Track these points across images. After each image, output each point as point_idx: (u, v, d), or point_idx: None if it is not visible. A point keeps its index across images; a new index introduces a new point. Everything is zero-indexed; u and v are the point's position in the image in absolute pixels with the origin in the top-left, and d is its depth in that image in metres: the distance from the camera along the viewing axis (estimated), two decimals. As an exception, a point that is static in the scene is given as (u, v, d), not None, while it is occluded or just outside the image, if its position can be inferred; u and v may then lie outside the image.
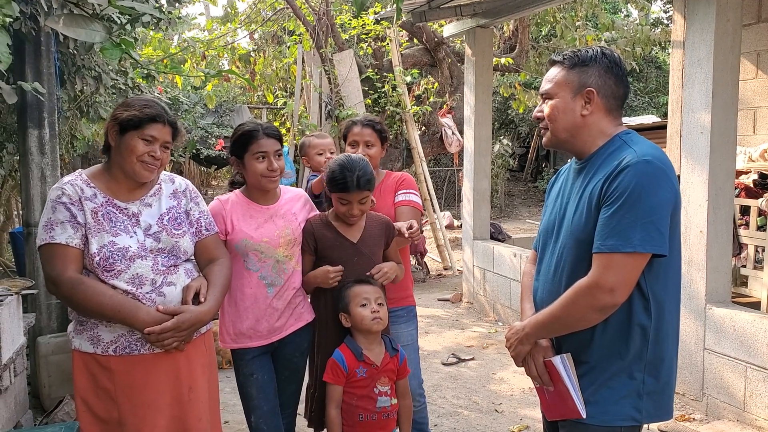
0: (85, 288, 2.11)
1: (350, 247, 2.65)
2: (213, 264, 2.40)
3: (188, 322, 2.19)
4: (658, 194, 1.72)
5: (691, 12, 4.04)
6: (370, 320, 2.50)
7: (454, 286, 8.07)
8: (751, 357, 3.69)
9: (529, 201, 17.73)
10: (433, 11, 6.66)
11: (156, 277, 2.21)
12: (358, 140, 3.05)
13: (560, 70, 1.93)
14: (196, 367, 2.31)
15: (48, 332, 4.24)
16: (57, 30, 1.57)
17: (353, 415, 2.53)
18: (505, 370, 4.99)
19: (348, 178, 2.51)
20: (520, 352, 1.98)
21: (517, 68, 10.84)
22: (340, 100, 8.87)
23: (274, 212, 2.69)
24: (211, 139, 13.51)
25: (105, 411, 2.17)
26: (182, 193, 2.41)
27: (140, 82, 5.71)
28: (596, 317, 1.80)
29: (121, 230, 2.19)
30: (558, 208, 2.01)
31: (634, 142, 1.84)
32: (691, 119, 4.06)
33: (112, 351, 2.16)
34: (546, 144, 2.01)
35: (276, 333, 2.66)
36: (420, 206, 3.08)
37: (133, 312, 2.12)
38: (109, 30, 1.57)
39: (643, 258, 1.74)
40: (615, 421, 1.83)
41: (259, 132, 2.60)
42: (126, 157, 2.20)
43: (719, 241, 4.00)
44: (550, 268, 1.98)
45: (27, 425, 3.56)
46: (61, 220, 2.13)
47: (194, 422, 2.28)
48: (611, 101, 1.90)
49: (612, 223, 1.73)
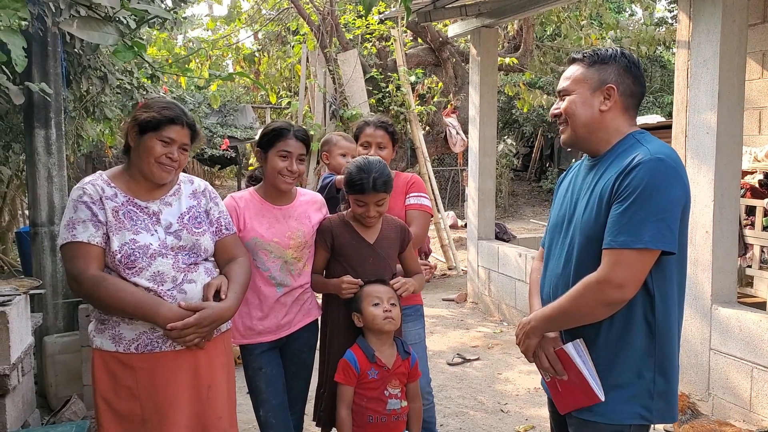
0: (107, 285, 2.12)
1: (367, 248, 2.66)
2: (233, 263, 2.42)
3: (210, 318, 2.20)
4: (670, 192, 1.73)
5: (697, 12, 4.04)
6: (381, 320, 2.50)
7: (458, 286, 8.07)
8: (757, 357, 3.68)
9: (533, 201, 17.71)
10: (438, 11, 6.65)
11: (177, 274, 2.23)
12: (370, 141, 3.07)
13: (579, 68, 1.94)
14: (216, 366, 2.33)
15: (55, 332, 4.25)
16: (71, 32, 1.59)
17: (363, 417, 2.53)
18: (511, 370, 5.00)
19: (365, 180, 2.52)
20: (529, 346, 1.99)
21: (521, 68, 10.83)
22: (345, 99, 8.87)
23: (287, 213, 2.70)
24: (216, 139, 13.54)
25: (127, 409, 2.19)
26: (201, 194, 2.43)
27: (145, 82, 5.73)
28: (604, 312, 1.81)
29: (141, 228, 2.21)
30: (568, 203, 2.01)
31: (647, 141, 1.85)
32: (696, 119, 4.05)
33: (134, 349, 2.18)
34: (564, 141, 2.00)
35: (284, 329, 2.68)
36: (430, 209, 3.13)
37: (155, 308, 2.13)
38: (122, 32, 1.58)
39: (653, 255, 1.74)
40: (624, 420, 1.84)
41: (289, 132, 2.65)
42: (144, 159, 2.22)
43: (725, 241, 3.99)
44: (558, 263, 1.99)
45: (34, 424, 3.58)
46: (83, 219, 2.16)
47: (214, 420, 2.29)
48: (629, 100, 1.92)
49: (623, 220, 1.74)
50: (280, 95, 12.09)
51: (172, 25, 4.62)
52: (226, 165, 16.74)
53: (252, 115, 15.48)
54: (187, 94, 12.73)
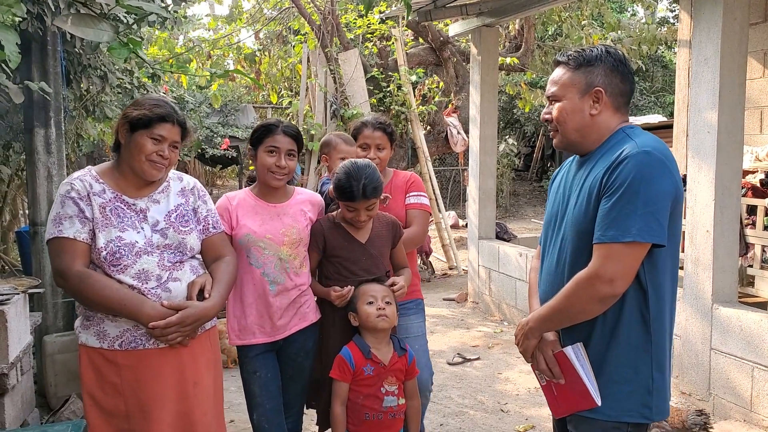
0: (92, 281, 2.13)
1: (359, 248, 2.66)
2: (219, 261, 2.42)
3: (192, 317, 2.20)
4: (658, 185, 1.72)
5: (698, 11, 4.03)
6: (375, 317, 2.50)
7: (459, 285, 8.06)
8: (757, 357, 3.67)
9: (534, 200, 17.70)
10: (439, 10, 6.65)
11: (162, 272, 2.23)
12: (369, 143, 3.08)
13: (565, 71, 1.93)
14: (201, 363, 2.33)
15: (54, 331, 4.25)
16: (65, 29, 1.58)
17: (359, 414, 2.52)
18: (511, 370, 4.99)
19: (354, 187, 2.51)
20: (527, 347, 1.98)
21: (522, 67, 10.82)
22: (346, 99, 8.86)
23: (282, 211, 2.70)
24: (217, 139, 13.54)
25: (112, 405, 2.19)
26: (190, 191, 2.43)
27: (146, 81, 5.73)
28: (597, 308, 1.80)
29: (128, 226, 2.22)
30: (560, 200, 2.01)
31: (635, 135, 1.84)
32: (698, 118, 4.04)
33: (117, 346, 2.18)
34: (557, 146, 2.01)
35: (280, 331, 2.66)
36: (429, 208, 3.17)
37: (138, 306, 2.14)
38: (117, 30, 1.58)
39: (643, 248, 1.74)
40: (623, 416, 1.83)
41: (277, 128, 2.65)
42: (135, 156, 2.23)
43: (726, 240, 3.98)
44: (552, 260, 1.98)
45: (33, 423, 3.57)
46: (70, 215, 2.16)
47: (199, 416, 2.29)
48: (618, 99, 1.91)
49: (612, 214, 1.74)
50: (281, 95, 12.09)
51: (173, 24, 4.61)
52: (227, 165, 16.77)
53: (253, 115, 15.49)
54: (188, 94, 12.73)
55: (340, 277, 2.65)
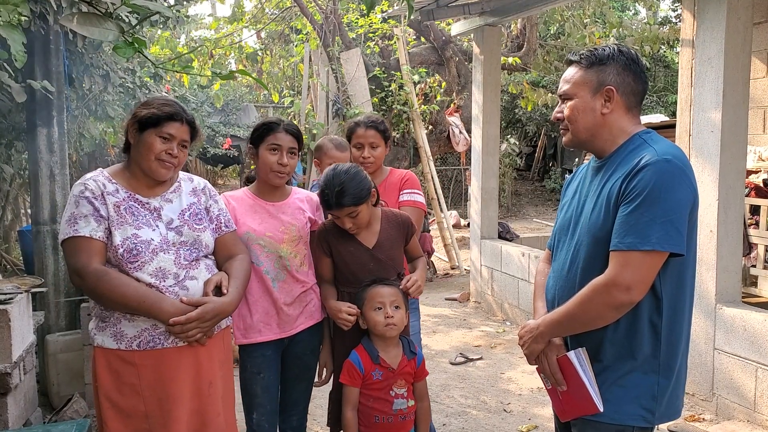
0: (110, 279, 2.12)
1: (365, 253, 2.59)
2: (233, 259, 2.42)
3: (212, 312, 2.20)
4: (678, 193, 1.71)
5: (701, 10, 4.02)
6: (383, 326, 2.46)
7: (461, 285, 8.05)
8: (761, 357, 3.66)
9: (536, 200, 17.67)
10: (441, 9, 6.64)
11: (179, 270, 2.22)
12: (362, 142, 3.07)
13: (578, 70, 1.92)
14: (216, 363, 2.33)
15: (57, 330, 4.25)
16: (70, 28, 1.58)
17: (369, 417, 2.51)
18: (514, 370, 4.98)
19: (327, 195, 2.47)
20: (533, 351, 1.97)
21: (525, 67, 10.81)
22: (347, 98, 8.86)
23: (281, 209, 2.69)
24: (218, 138, 13.55)
25: (131, 406, 2.18)
26: (201, 191, 2.44)
27: (148, 81, 5.73)
28: (612, 315, 1.79)
29: (143, 223, 2.22)
30: (575, 206, 2.00)
31: (654, 141, 1.83)
32: (701, 118, 4.03)
33: (135, 346, 2.17)
34: (566, 144, 2.00)
35: (285, 329, 2.65)
36: (424, 206, 3.13)
37: (157, 303, 2.13)
38: (122, 29, 1.58)
39: (661, 257, 1.73)
40: (627, 420, 1.83)
41: (279, 126, 2.64)
42: (144, 155, 2.23)
43: (729, 240, 3.97)
44: (564, 265, 1.97)
45: (36, 423, 3.57)
46: (85, 214, 2.16)
47: (213, 416, 2.29)
48: (631, 98, 1.90)
49: (630, 221, 1.73)
50: (282, 94, 12.08)
51: (175, 23, 4.62)
52: (228, 164, 16.76)
53: (255, 115, 15.49)
54: (189, 93, 12.74)
55: (348, 283, 2.62)
